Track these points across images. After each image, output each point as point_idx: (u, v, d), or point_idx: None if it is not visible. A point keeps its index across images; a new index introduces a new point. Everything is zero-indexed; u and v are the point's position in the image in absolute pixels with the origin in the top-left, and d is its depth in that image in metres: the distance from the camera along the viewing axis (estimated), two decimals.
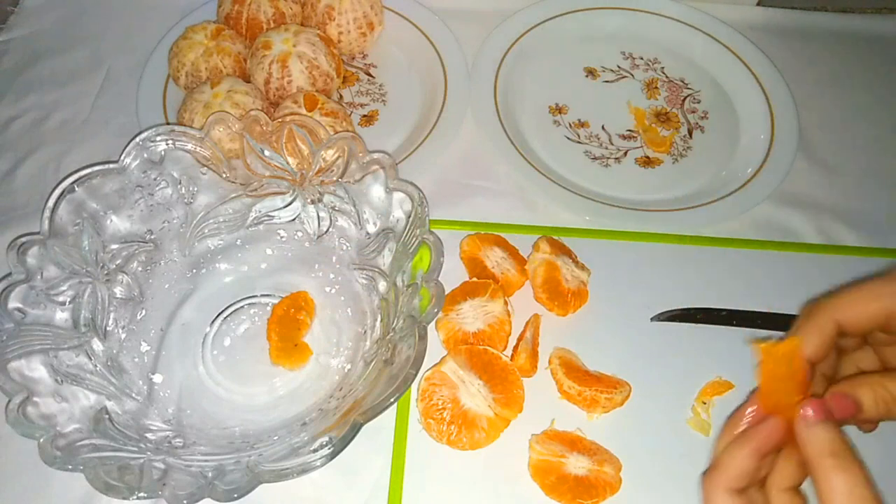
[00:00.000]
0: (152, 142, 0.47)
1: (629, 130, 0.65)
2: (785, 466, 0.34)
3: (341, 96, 0.66)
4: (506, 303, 0.51)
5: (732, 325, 0.53)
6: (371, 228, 0.50)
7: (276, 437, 0.44)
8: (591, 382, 0.48)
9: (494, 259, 0.54)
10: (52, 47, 0.69)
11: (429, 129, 0.61)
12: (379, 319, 0.49)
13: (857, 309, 0.35)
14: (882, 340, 0.38)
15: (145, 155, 0.47)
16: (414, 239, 0.45)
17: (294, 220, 0.53)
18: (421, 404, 0.47)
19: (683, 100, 0.68)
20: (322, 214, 0.52)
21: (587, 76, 0.69)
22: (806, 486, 0.34)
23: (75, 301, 0.45)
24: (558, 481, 0.45)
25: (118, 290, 0.48)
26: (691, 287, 0.55)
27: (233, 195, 0.51)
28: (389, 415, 0.48)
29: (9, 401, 0.38)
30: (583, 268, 0.54)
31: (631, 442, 0.47)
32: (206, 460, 0.41)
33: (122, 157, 0.47)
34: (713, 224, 0.58)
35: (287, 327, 0.50)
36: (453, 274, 0.54)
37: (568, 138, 0.65)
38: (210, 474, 0.38)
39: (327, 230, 0.52)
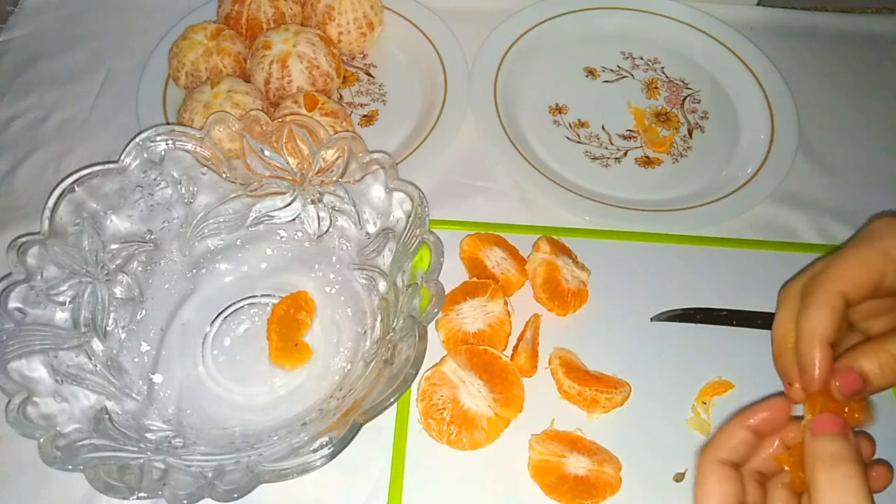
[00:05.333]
0: (152, 142, 0.47)
1: (629, 130, 0.65)
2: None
3: (341, 96, 0.66)
4: (506, 303, 0.51)
5: (732, 325, 0.53)
6: (371, 228, 0.50)
7: (276, 437, 0.44)
8: (591, 382, 0.48)
9: (494, 259, 0.54)
10: (52, 47, 0.69)
11: (429, 129, 0.61)
12: (379, 319, 0.49)
13: (856, 276, 0.34)
14: (866, 313, 0.37)
15: (145, 155, 0.47)
16: (414, 239, 0.45)
17: (294, 220, 0.53)
18: (421, 404, 0.47)
19: (683, 100, 0.68)
20: (322, 214, 0.52)
21: (587, 76, 0.69)
22: None
23: (75, 301, 0.45)
24: (558, 481, 0.45)
25: (118, 290, 0.48)
26: (691, 287, 0.55)
27: (233, 195, 0.51)
28: (389, 415, 0.48)
29: (9, 401, 0.38)
30: (583, 268, 0.54)
31: (631, 442, 0.47)
32: (206, 460, 0.41)
33: (122, 157, 0.47)
34: (713, 224, 0.58)
35: (287, 327, 0.50)
36: (453, 274, 0.54)
37: (568, 138, 0.65)
38: (210, 474, 0.38)
39: (327, 230, 0.52)
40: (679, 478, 0.47)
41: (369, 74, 0.68)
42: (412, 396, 0.49)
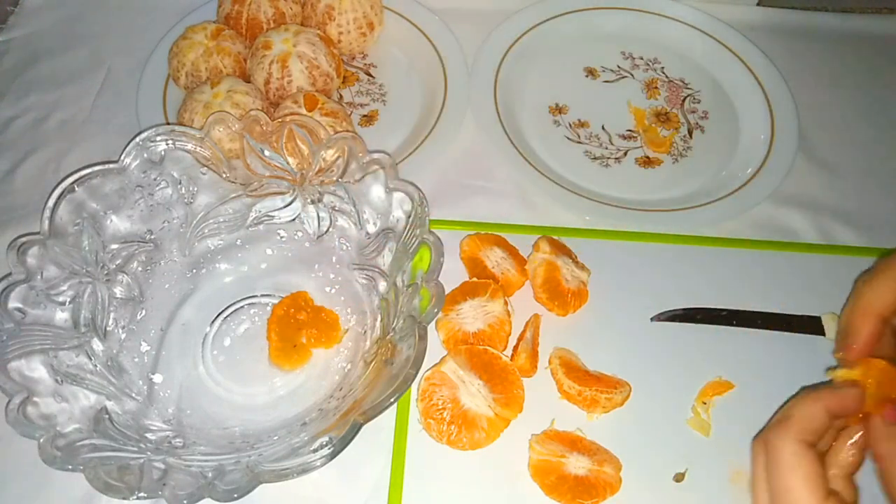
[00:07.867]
0: (152, 142, 0.47)
1: (629, 130, 0.65)
2: (845, 450, 0.35)
3: (341, 96, 0.66)
4: (506, 303, 0.51)
5: (732, 325, 0.53)
6: (371, 228, 0.50)
7: (276, 437, 0.44)
8: (591, 382, 0.48)
9: (494, 259, 0.54)
10: (52, 47, 0.69)
11: (429, 129, 0.61)
12: (379, 319, 0.49)
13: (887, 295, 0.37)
14: None
15: (145, 155, 0.47)
16: (414, 239, 0.45)
17: (294, 220, 0.53)
18: (421, 404, 0.47)
19: (683, 100, 0.68)
20: (322, 214, 0.52)
21: (587, 76, 0.69)
22: None
23: (75, 301, 0.45)
24: (558, 481, 0.45)
25: (118, 290, 0.48)
26: (691, 287, 0.55)
27: (233, 195, 0.51)
28: (389, 415, 0.48)
29: (9, 401, 0.38)
30: (583, 268, 0.54)
31: (631, 442, 0.47)
32: (206, 460, 0.41)
33: (122, 157, 0.47)
34: (713, 224, 0.58)
35: (287, 327, 0.50)
36: (453, 274, 0.54)
37: (568, 138, 0.64)
38: (210, 474, 0.38)
39: (327, 230, 0.52)
40: (679, 478, 0.47)
41: (369, 74, 0.68)
42: (412, 396, 0.49)
